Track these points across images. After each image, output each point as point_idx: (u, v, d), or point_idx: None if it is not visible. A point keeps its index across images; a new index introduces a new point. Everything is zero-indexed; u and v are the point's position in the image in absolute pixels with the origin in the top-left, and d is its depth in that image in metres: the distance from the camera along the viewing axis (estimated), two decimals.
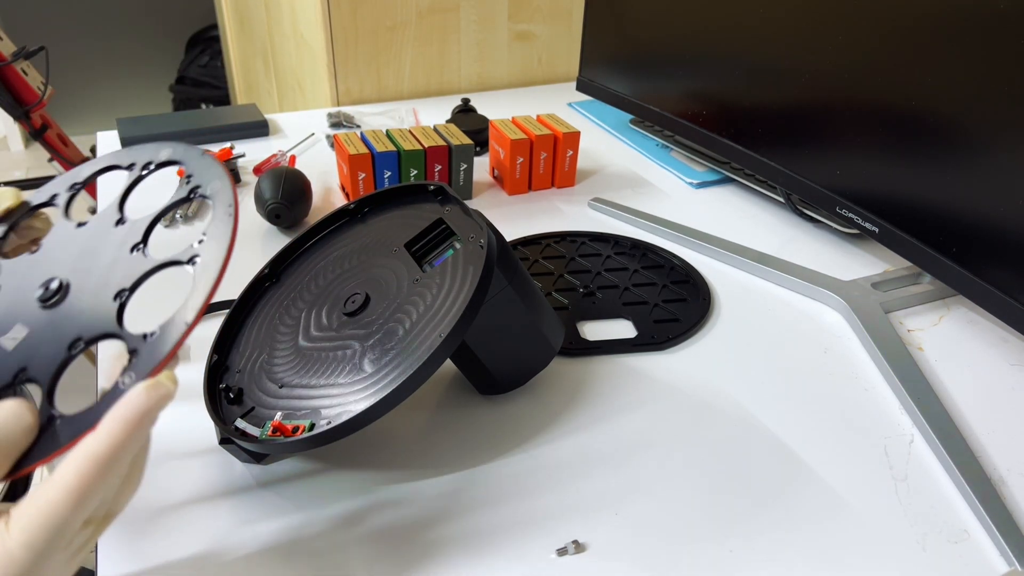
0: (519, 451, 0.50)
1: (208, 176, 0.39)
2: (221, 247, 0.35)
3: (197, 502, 0.46)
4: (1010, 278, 0.53)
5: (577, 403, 0.54)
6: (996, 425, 0.53)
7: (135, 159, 0.42)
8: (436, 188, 0.53)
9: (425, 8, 1.15)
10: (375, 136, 0.81)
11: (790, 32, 0.68)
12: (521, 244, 0.74)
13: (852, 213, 0.65)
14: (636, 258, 0.72)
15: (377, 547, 0.43)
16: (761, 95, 0.73)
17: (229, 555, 0.42)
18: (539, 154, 0.84)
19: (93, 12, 2.79)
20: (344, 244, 0.55)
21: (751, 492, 0.47)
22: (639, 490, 0.47)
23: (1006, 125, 0.51)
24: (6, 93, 1.39)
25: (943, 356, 0.61)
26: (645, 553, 0.43)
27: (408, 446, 0.50)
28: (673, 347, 0.60)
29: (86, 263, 0.38)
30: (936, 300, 0.68)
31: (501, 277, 0.47)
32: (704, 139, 0.82)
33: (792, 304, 0.67)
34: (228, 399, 0.48)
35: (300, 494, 0.46)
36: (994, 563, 0.43)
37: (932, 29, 0.55)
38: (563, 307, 0.64)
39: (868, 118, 0.62)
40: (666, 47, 0.84)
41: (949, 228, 0.57)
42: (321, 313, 0.50)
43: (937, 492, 0.48)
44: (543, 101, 1.20)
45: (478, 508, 0.46)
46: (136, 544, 0.43)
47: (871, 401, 0.55)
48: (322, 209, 0.81)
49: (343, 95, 1.17)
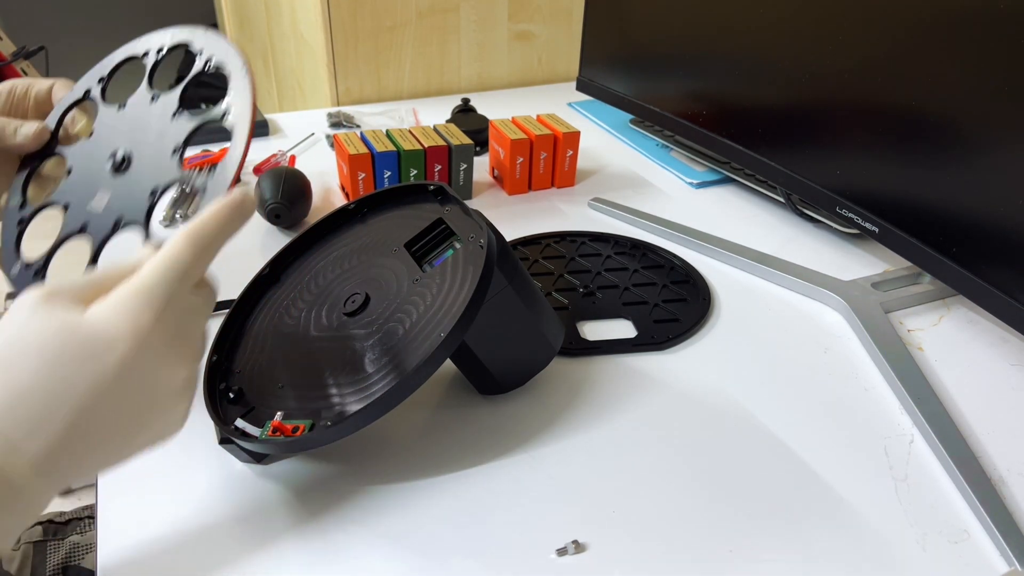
0: (519, 451, 0.50)
1: (217, 48, 0.46)
2: (246, 99, 0.44)
3: (197, 502, 0.46)
4: (1010, 278, 0.53)
5: (577, 403, 0.54)
6: (996, 425, 0.53)
7: (148, 47, 0.50)
8: (436, 188, 0.53)
9: (425, 8, 1.15)
10: (375, 136, 0.81)
11: (790, 32, 0.68)
12: (521, 244, 0.74)
13: (852, 213, 0.65)
14: (636, 258, 0.72)
15: (377, 547, 0.43)
16: (761, 95, 0.73)
17: (229, 555, 0.42)
18: (539, 154, 0.84)
19: (93, 12, 2.79)
20: (344, 244, 0.55)
21: (751, 492, 0.47)
22: (639, 490, 0.47)
23: (1006, 125, 0.51)
24: None
25: (943, 356, 0.61)
26: (645, 553, 0.43)
27: (408, 446, 0.50)
28: (673, 347, 0.60)
29: (138, 135, 0.47)
30: (936, 300, 0.68)
31: (501, 277, 0.47)
32: (704, 139, 0.82)
33: (792, 304, 0.67)
34: (228, 399, 0.48)
35: (300, 494, 0.46)
36: (994, 563, 0.43)
37: (932, 29, 0.55)
38: (563, 307, 0.64)
39: (868, 118, 0.62)
40: (666, 47, 0.84)
41: (949, 228, 0.57)
42: (321, 313, 0.50)
43: (937, 492, 0.48)
44: (543, 101, 1.20)
45: (478, 508, 0.46)
46: (136, 544, 0.43)
47: (871, 401, 0.55)
48: (322, 209, 0.81)
49: (343, 95, 1.17)
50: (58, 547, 0.63)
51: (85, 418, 0.32)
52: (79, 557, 0.63)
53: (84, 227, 0.46)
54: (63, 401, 0.31)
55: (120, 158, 0.46)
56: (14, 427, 0.31)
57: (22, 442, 0.31)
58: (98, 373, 0.32)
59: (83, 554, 0.63)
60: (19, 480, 0.31)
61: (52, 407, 0.31)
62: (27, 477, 0.31)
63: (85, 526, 0.66)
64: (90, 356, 0.32)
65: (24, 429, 0.31)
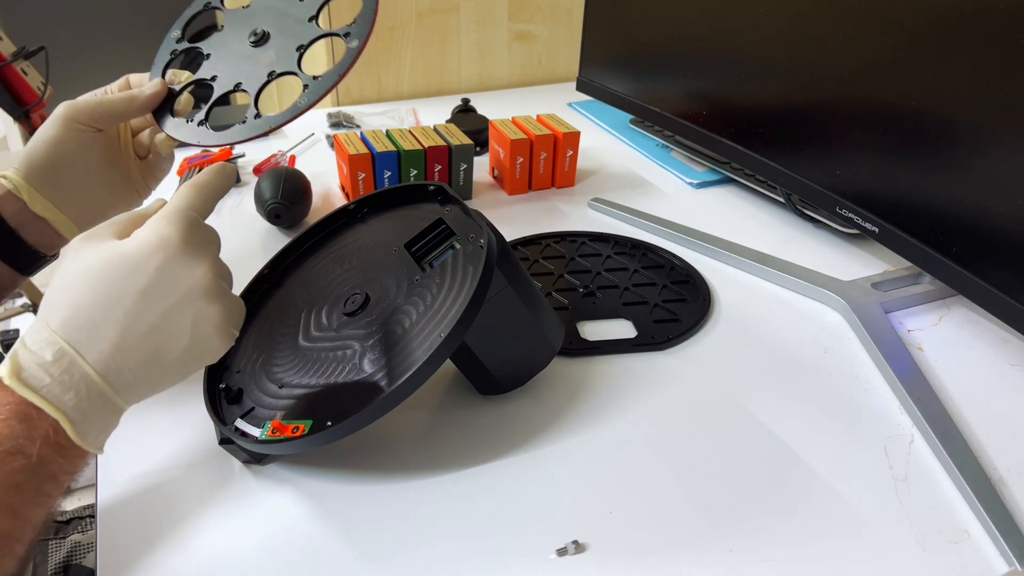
0: (519, 451, 0.50)
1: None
2: (367, 23, 0.53)
3: (197, 502, 0.46)
4: (1010, 278, 0.53)
5: (577, 403, 0.54)
6: (996, 425, 0.53)
7: None
8: (436, 188, 0.53)
9: (425, 8, 1.15)
10: (375, 136, 0.81)
11: (790, 32, 0.68)
12: (521, 244, 0.74)
13: (852, 213, 0.65)
14: (636, 258, 0.72)
15: (377, 547, 0.43)
16: (761, 95, 0.73)
17: (228, 555, 0.42)
18: (539, 154, 0.84)
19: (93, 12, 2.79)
20: (344, 244, 0.55)
21: (751, 492, 0.47)
22: (639, 490, 0.47)
23: (1006, 125, 0.51)
24: (6, 93, 1.39)
25: (943, 356, 0.61)
26: (645, 553, 0.43)
27: (408, 446, 0.50)
28: (673, 347, 0.60)
29: (280, 23, 0.55)
30: (936, 300, 0.68)
31: (501, 277, 0.47)
32: (704, 139, 0.82)
33: (792, 304, 0.67)
34: (228, 399, 0.48)
35: (300, 495, 0.46)
36: (994, 563, 0.43)
37: (932, 29, 0.55)
38: (563, 307, 0.64)
39: (868, 118, 0.62)
40: (666, 47, 0.84)
41: (949, 228, 0.57)
42: (321, 313, 0.50)
43: (937, 492, 0.48)
44: (543, 101, 1.19)
45: (478, 508, 0.46)
46: (136, 544, 0.43)
47: (871, 401, 0.55)
48: (322, 209, 0.81)
49: (343, 95, 1.17)
50: (59, 546, 0.63)
51: (134, 322, 0.38)
52: (80, 556, 0.63)
53: (238, 86, 0.54)
54: (113, 308, 0.38)
55: (260, 33, 0.55)
56: (74, 333, 0.37)
57: (82, 346, 0.37)
58: (140, 281, 0.38)
59: (84, 553, 0.63)
60: (89, 380, 0.37)
61: (104, 314, 0.38)
62: (92, 378, 0.38)
63: (86, 525, 0.66)
64: (132, 269, 0.38)
65: (83, 335, 0.37)
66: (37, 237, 0.53)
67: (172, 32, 0.60)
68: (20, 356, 0.37)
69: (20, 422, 0.36)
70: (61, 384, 0.37)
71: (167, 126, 0.56)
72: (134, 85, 0.57)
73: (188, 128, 0.55)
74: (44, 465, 0.37)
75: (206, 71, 0.56)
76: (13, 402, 0.36)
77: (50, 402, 0.37)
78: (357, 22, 0.53)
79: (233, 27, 0.57)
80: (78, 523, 0.67)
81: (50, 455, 0.37)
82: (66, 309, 0.38)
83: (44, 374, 0.37)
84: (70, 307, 0.38)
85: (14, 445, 0.36)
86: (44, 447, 0.36)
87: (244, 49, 0.55)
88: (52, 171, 0.53)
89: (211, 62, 0.57)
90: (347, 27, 0.53)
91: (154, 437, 0.50)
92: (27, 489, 0.36)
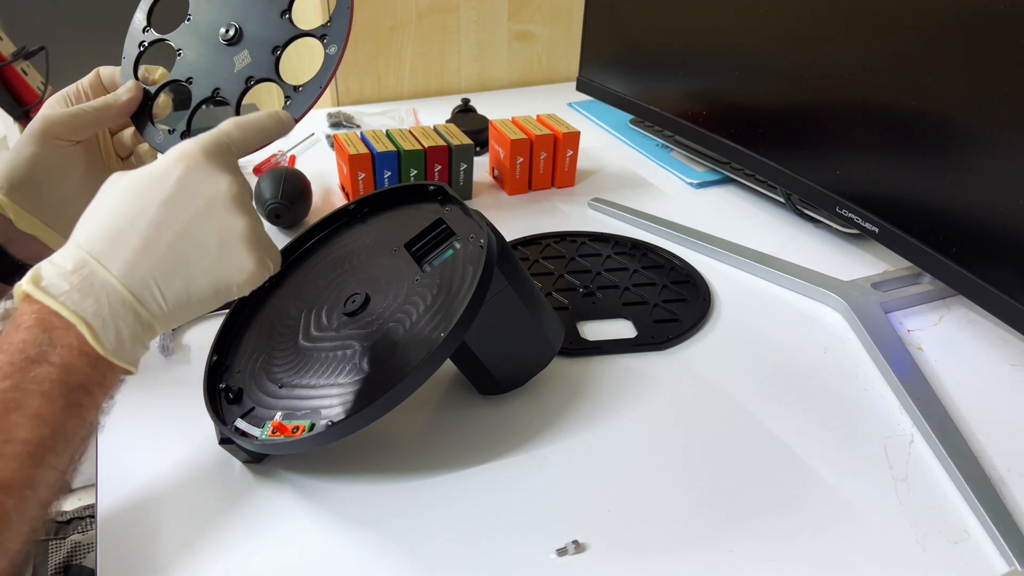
0: (519, 451, 0.50)
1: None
2: (344, 20, 0.50)
3: (197, 502, 0.46)
4: (1010, 278, 0.53)
5: (577, 403, 0.54)
6: (996, 425, 0.53)
7: None
8: (436, 188, 0.53)
9: (425, 8, 1.15)
10: (375, 136, 0.81)
11: (790, 32, 0.68)
12: (521, 244, 0.74)
13: (852, 213, 0.65)
14: (636, 258, 0.72)
15: (377, 547, 0.43)
16: (761, 95, 0.73)
17: (228, 555, 0.42)
18: (539, 154, 0.84)
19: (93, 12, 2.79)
20: (344, 244, 0.55)
21: (751, 492, 0.47)
22: (639, 490, 0.47)
23: (1006, 125, 0.51)
24: (6, 93, 1.39)
25: (943, 356, 0.61)
26: (645, 553, 0.43)
27: (408, 446, 0.50)
28: (673, 347, 0.60)
29: (249, 14, 0.52)
30: (936, 300, 0.68)
31: (501, 277, 0.47)
32: (704, 139, 0.82)
33: (792, 304, 0.67)
34: (228, 399, 0.48)
35: (300, 494, 0.46)
36: (994, 563, 0.43)
37: (932, 29, 0.55)
38: (563, 307, 0.64)
39: (868, 118, 0.62)
40: (666, 47, 0.84)
41: (949, 228, 0.57)
42: (321, 313, 0.50)
43: (937, 492, 0.48)
44: (543, 101, 1.19)
45: (478, 508, 0.46)
46: (136, 544, 0.43)
47: (871, 401, 0.55)
48: (322, 209, 0.81)
49: (343, 95, 1.17)
50: (60, 546, 0.63)
51: (157, 232, 0.39)
52: (80, 556, 0.63)
53: (216, 91, 0.52)
54: (137, 218, 0.39)
55: (234, 30, 0.52)
56: (97, 244, 0.38)
57: (104, 256, 0.38)
58: (162, 192, 0.39)
59: (84, 553, 0.63)
60: (110, 288, 0.38)
61: (128, 224, 0.39)
62: (114, 285, 0.38)
63: (86, 525, 0.66)
64: (155, 181, 0.40)
65: (106, 244, 0.38)
66: (25, 252, 0.53)
67: (137, 15, 0.56)
68: (43, 268, 0.38)
69: (43, 331, 0.36)
70: (81, 291, 0.37)
71: (149, 135, 0.54)
72: (105, 79, 0.56)
73: (172, 140, 0.53)
74: (71, 374, 0.36)
75: (181, 70, 0.54)
76: (36, 311, 0.37)
77: (69, 308, 0.37)
78: (333, 20, 0.50)
79: (201, 16, 0.54)
80: (78, 523, 0.67)
81: (76, 363, 0.37)
82: (91, 223, 0.39)
83: (64, 282, 0.37)
84: (95, 221, 0.39)
85: (38, 352, 0.36)
86: (69, 354, 0.36)
87: (217, 44, 0.52)
88: (35, 189, 0.52)
89: (184, 60, 0.54)
90: (323, 27, 0.50)
91: (154, 437, 0.50)
92: (55, 397, 0.36)
